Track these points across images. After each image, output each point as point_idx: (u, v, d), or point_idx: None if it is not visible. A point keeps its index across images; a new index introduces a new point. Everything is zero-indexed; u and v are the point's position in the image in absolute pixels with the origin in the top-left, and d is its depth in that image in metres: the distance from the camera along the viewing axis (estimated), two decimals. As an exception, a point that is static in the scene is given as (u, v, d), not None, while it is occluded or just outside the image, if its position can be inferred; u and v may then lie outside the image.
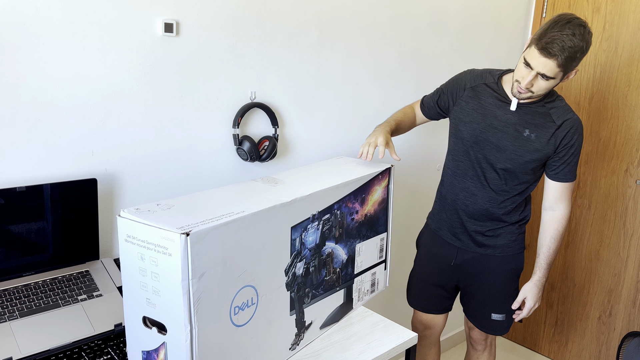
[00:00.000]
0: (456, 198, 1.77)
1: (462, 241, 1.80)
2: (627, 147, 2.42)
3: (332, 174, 1.43)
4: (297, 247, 1.24)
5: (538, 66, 1.49)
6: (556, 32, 1.44)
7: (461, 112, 1.73)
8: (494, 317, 1.83)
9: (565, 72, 1.50)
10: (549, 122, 1.62)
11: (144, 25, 1.47)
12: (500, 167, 1.67)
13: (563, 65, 1.46)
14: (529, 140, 1.63)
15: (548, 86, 1.53)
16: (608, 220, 2.52)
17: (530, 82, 1.52)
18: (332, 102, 1.99)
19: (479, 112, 1.69)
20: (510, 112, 1.64)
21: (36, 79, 1.33)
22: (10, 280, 1.30)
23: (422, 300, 1.94)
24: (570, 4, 2.54)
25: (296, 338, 1.31)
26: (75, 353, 1.17)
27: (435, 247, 1.88)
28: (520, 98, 1.60)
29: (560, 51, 1.44)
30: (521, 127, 1.63)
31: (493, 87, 1.68)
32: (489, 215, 1.74)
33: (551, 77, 1.50)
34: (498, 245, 1.77)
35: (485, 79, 1.71)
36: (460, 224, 1.79)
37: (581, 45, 1.44)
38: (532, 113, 1.63)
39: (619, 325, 2.55)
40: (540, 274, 1.74)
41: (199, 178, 1.68)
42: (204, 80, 1.63)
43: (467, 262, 1.81)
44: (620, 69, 2.40)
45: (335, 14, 1.91)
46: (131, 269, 1.04)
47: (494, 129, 1.66)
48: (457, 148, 1.76)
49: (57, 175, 1.41)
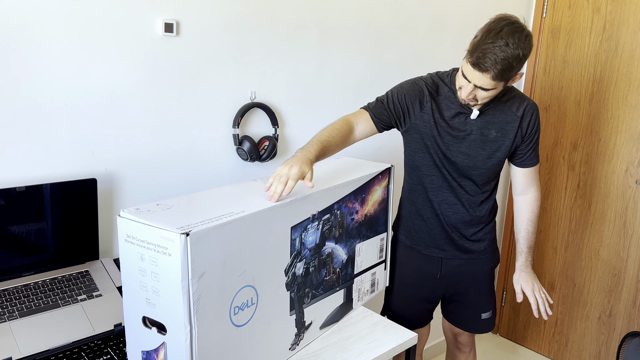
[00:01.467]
0: (437, 212, 1.69)
1: (446, 251, 1.73)
2: (627, 147, 2.42)
3: (331, 174, 1.43)
4: (297, 247, 1.24)
5: (474, 79, 1.43)
6: (488, 44, 1.36)
7: (424, 125, 1.61)
8: (484, 316, 1.83)
9: (506, 81, 1.44)
10: (510, 117, 1.59)
11: (144, 25, 1.47)
12: (476, 174, 1.64)
13: (499, 77, 1.39)
14: (497, 140, 1.61)
15: (490, 95, 1.48)
16: (608, 220, 2.52)
17: (471, 93, 1.47)
18: (332, 102, 1.99)
19: (444, 124, 1.60)
20: (472, 120, 1.59)
21: (36, 79, 1.33)
22: (10, 280, 1.30)
23: (406, 317, 1.85)
24: (571, 4, 2.54)
25: (296, 338, 1.31)
26: (75, 353, 1.17)
27: (414, 262, 1.77)
28: (467, 105, 1.55)
29: (493, 65, 1.36)
30: (486, 129, 1.60)
31: (450, 97, 1.59)
32: (471, 220, 1.70)
33: (490, 88, 1.44)
34: (482, 248, 1.75)
35: (442, 89, 1.61)
36: (445, 235, 1.72)
37: (516, 53, 1.36)
38: (493, 113, 1.59)
39: (619, 325, 2.55)
40: (522, 258, 1.73)
41: (199, 178, 1.68)
42: (204, 80, 1.63)
43: (452, 270, 1.75)
44: (620, 69, 2.40)
45: (335, 14, 1.91)
46: (131, 269, 1.04)
47: (461, 140, 1.60)
48: (427, 163, 1.65)
49: (57, 175, 1.41)
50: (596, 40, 2.47)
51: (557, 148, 2.66)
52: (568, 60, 2.58)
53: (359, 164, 1.58)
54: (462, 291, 1.80)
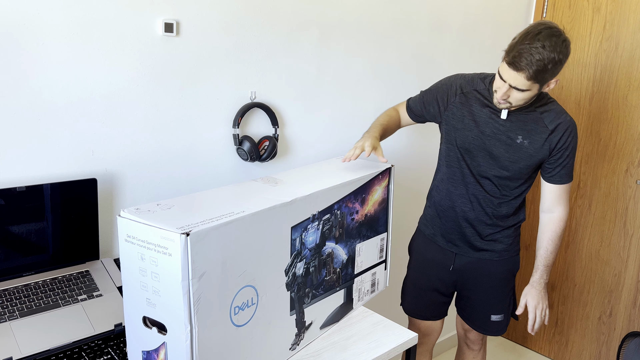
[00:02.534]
0: (453, 205, 1.74)
1: (459, 247, 1.78)
2: (627, 147, 2.42)
3: (332, 174, 1.43)
4: (297, 247, 1.24)
5: (509, 79, 1.46)
6: (525, 44, 1.40)
7: (453, 118, 1.69)
8: (494, 318, 1.82)
9: (541, 84, 1.46)
10: (541, 127, 1.60)
11: (144, 25, 1.47)
12: (495, 175, 1.66)
13: (534, 78, 1.42)
14: (522, 147, 1.61)
15: (525, 97, 1.50)
16: (608, 220, 2.52)
17: (505, 94, 1.50)
18: (332, 102, 1.99)
19: (470, 119, 1.66)
20: (502, 120, 1.62)
21: (36, 79, 1.33)
22: (10, 280, 1.30)
23: (419, 307, 1.91)
24: (571, 4, 2.54)
25: (296, 338, 1.31)
26: (75, 353, 1.17)
27: (430, 252, 1.84)
28: (500, 107, 1.58)
29: (528, 65, 1.40)
30: (514, 134, 1.61)
31: (484, 94, 1.65)
32: (486, 220, 1.72)
33: (524, 89, 1.46)
34: (496, 250, 1.76)
35: (476, 85, 1.67)
36: (458, 230, 1.76)
37: (552, 56, 1.40)
38: (524, 119, 1.61)
39: (619, 325, 2.55)
40: (537, 275, 1.72)
41: (199, 178, 1.68)
42: (204, 80, 1.63)
43: (465, 266, 1.79)
44: (621, 69, 2.40)
45: (335, 14, 1.91)
46: (131, 269, 1.04)
47: (487, 137, 1.63)
48: (451, 155, 1.72)
49: (57, 175, 1.41)
50: (596, 40, 2.47)
51: (557, 148, 2.66)
52: (568, 60, 2.58)
53: (359, 164, 1.58)
54: (474, 288, 1.81)
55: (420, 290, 1.89)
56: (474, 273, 1.79)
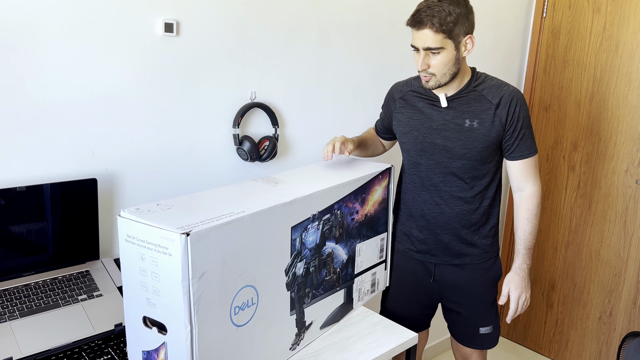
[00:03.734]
0: (422, 213, 1.67)
1: (437, 256, 1.70)
2: (627, 147, 2.42)
3: (332, 174, 1.43)
4: (297, 247, 1.24)
5: (419, 42, 1.46)
6: (422, 4, 1.45)
7: (399, 124, 1.67)
8: (482, 330, 1.74)
9: (453, 40, 1.45)
10: (486, 104, 1.55)
11: (144, 25, 1.47)
12: (456, 166, 1.60)
13: (441, 30, 1.42)
14: (473, 130, 1.56)
15: (443, 60, 1.47)
16: (608, 220, 2.52)
17: (424, 62, 1.48)
18: (332, 102, 1.99)
19: (414, 119, 1.63)
20: (444, 109, 1.58)
21: (36, 79, 1.33)
22: (10, 280, 1.30)
23: (401, 321, 1.81)
24: (571, 4, 2.54)
25: (296, 338, 1.31)
26: (76, 353, 1.17)
27: (408, 265, 1.75)
28: (429, 87, 1.54)
29: (429, 17, 1.41)
30: (460, 119, 1.56)
31: (420, 91, 1.63)
32: (459, 221, 1.65)
33: (439, 47, 1.44)
34: (475, 253, 1.68)
35: (411, 86, 1.67)
36: (434, 239, 1.68)
37: (450, 7, 1.41)
38: (466, 101, 1.57)
39: (620, 325, 2.55)
40: (520, 260, 1.62)
41: (199, 178, 1.68)
42: (204, 80, 1.63)
43: (446, 276, 1.71)
44: (621, 69, 2.40)
45: (335, 14, 1.91)
46: (131, 269, 1.04)
47: (435, 131, 1.59)
48: (407, 161, 1.68)
49: (57, 175, 1.41)
50: (596, 40, 2.47)
51: (557, 148, 2.66)
52: (568, 60, 2.58)
53: (359, 164, 1.58)
54: (458, 300, 1.74)
55: (402, 303, 1.80)
56: (457, 283, 1.71)
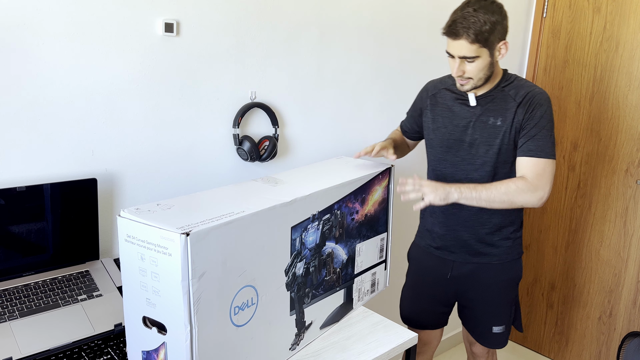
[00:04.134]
0: (443, 209, 1.70)
1: (456, 254, 1.73)
2: (627, 147, 2.42)
3: (332, 174, 1.43)
4: (297, 247, 1.24)
5: (455, 51, 1.49)
6: (458, 13, 1.46)
7: (428, 121, 1.72)
8: (495, 330, 1.76)
9: (488, 48, 1.48)
10: (510, 103, 1.58)
11: (144, 25, 1.47)
12: (479, 164, 1.62)
13: (476, 41, 1.45)
14: (496, 127, 1.58)
15: (479, 67, 1.50)
16: (608, 220, 2.52)
17: (460, 69, 1.51)
18: (332, 102, 1.99)
19: (443, 116, 1.67)
20: (472, 107, 1.62)
21: (36, 79, 1.33)
22: (10, 280, 1.30)
23: (417, 316, 1.85)
24: (571, 4, 2.54)
25: (296, 338, 1.31)
26: (75, 353, 1.17)
27: (427, 261, 1.80)
28: (465, 90, 1.57)
29: (465, 29, 1.44)
30: (485, 116, 1.60)
31: (452, 89, 1.67)
32: (478, 220, 1.67)
33: (474, 56, 1.47)
34: (495, 253, 1.70)
35: (445, 84, 1.70)
36: (453, 236, 1.71)
37: (486, 17, 1.43)
38: (492, 100, 1.60)
39: (620, 325, 2.55)
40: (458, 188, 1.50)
41: (199, 178, 1.68)
42: (204, 80, 1.63)
43: (464, 274, 1.74)
44: (621, 69, 2.40)
45: (335, 14, 1.91)
46: (131, 269, 1.04)
47: (461, 128, 1.63)
48: (434, 158, 1.71)
49: (57, 175, 1.41)
50: (596, 40, 2.47)
51: (557, 148, 2.66)
52: (568, 60, 2.58)
53: (359, 164, 1.58)
54: (475, 298, 1.76)
55: (419, 299, 1.84)
56: (473, 281, 1.73)
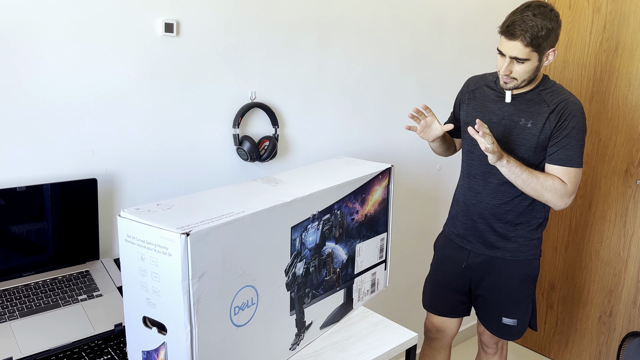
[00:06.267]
0: (464, 198, 1.79)
1: (472, 243, 1.80)
2: (627, 147, 2.42)
3: (332, 174, 1.43)
4: (297, 247, 1.24)
5: (508, 50, 1.52)
6: (517, 15, 1.50)
7: (464, 114, 1.78)
8: (505, 321, 1.79)
9: (539, 52, 1.52)
10: (544, 108, 1.61)
11: (144, 25, 1.47)
12: None
13: (530, 44, 1.49)
14: (525, 129, 1.62)
15: (526, 69, 1.54)
16: (608, 220, 2.52)
17: (508, 69, 1.55)
18: (332, 102, 1.99)
19: (478, 110, 1.73)
20: (506, 105, 1.66)
21: (36, 79, 1.33)
22: (10, 280, 1.30)
23: (434, 302, 1.94)
24: (571, 4, 2.54)
25: (296, 338, 1.31)
26: (75, 353, 1.17)
27: (448, 250, 1.89)
28: (507, 88, 1.61)
29: (523, 32, 1.48)
30: (517, 116, 1.64)
31: (491, 85, 1.73)
32: (496, 214, 1.72)
33: (524, 58, 1.52)
34: (509, 249, 1.74)
35: (486, 80, 1.76)
36: (471, 225, 1.79)
37: (544, 23, 1.47)
38: (527, 102, 1.64)
39: (619, 325, 2.55)
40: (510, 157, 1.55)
41: (199, 178, 1.68)
42: (204, 80, 1.63)
43: (477, 264, 1.80)
44: (621, 69, 2.40)
45: (335, 14, 1.91)
46: (131, 269, 1.04)
47: (493, 124, 1.69)
48: (465, 149, 1.79)
49: (57, 175, 1.41)
50: (596, 40, 2.47)
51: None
52: (568, 60, 2.58)
53: (359, 164, 1.58)
54: (486, 287, 1.81)
55: (437, 286, 1.92)
56: (486, 272, 1.79)
